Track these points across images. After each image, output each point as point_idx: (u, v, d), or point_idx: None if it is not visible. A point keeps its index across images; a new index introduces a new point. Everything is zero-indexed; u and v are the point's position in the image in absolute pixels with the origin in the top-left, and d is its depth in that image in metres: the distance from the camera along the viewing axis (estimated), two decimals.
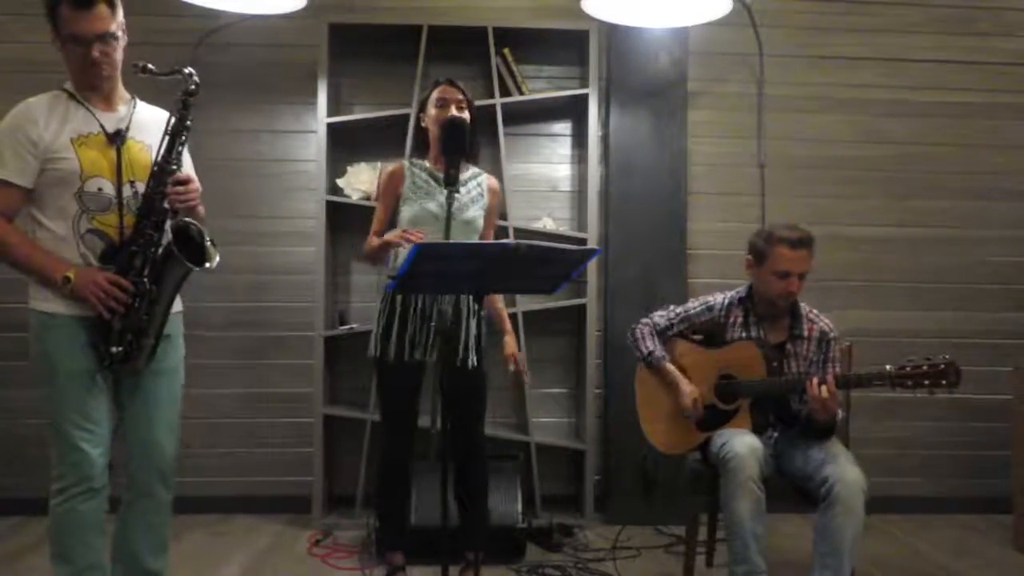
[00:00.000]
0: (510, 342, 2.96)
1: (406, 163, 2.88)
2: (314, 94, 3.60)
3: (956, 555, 3.33)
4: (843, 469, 2.43)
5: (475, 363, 2.73)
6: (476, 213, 2.81)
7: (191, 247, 2.18)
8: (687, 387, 2.71)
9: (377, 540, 3.06)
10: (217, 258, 2.21)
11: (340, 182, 3.68)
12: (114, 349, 2.13)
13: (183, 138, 2.18)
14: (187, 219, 2.21)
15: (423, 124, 2.88)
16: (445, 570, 2.17)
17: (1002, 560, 3.31)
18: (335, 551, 3.26)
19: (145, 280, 2.12)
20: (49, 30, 2.12)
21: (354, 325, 3.66)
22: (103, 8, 2.08)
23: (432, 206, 2.74)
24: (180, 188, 2.15)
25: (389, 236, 2.68)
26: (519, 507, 3.24)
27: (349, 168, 3.70)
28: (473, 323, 2.74)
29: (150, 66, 2.13)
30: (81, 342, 2.14)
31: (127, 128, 2.19)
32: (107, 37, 2.09)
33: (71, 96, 2.16)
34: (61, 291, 2.10)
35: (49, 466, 2.17)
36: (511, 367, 2.92)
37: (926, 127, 3.96)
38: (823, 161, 3.94)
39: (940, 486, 3.94)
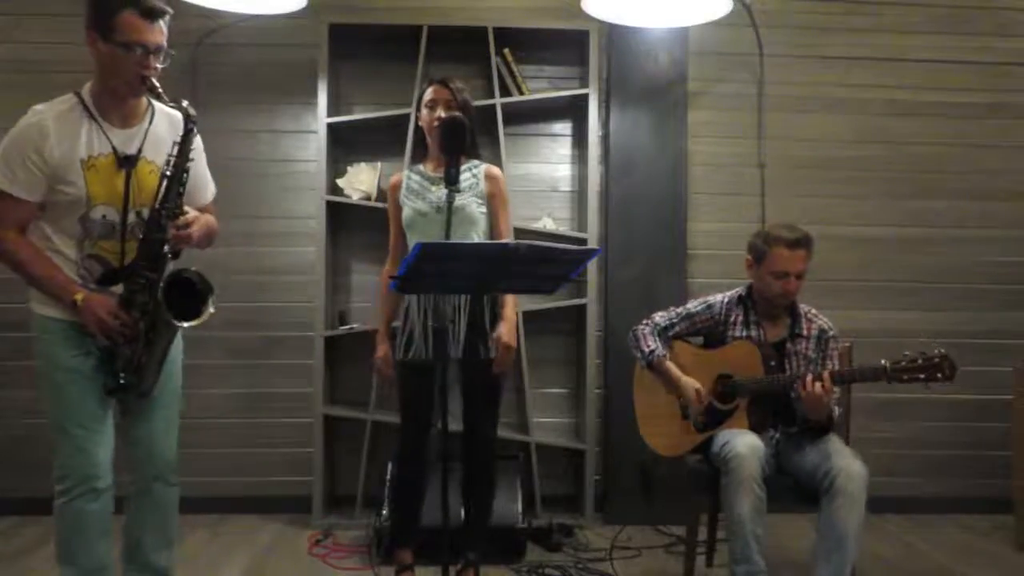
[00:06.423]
0: (502, 328, 2.77)
1: (404, 172, 2.91)
2: (314, 94, 3.60)
3: (957, 555, 3.32)
4: (846, 461, 2.45)
5: (481, 354, 2.71)
6: (467, 200, 2.77)
7: (191, 292, 2.18)
8: (689, 381, 2.72)
9: (388, 538, 3.03)
10: (208, 314, 2.19)
11: (340, 182, 3.68)
12: (122, 378, 2.15)
13: (184, 178, 2.15)
14: (193, 269, 2.19)
15: (420, 124, 2.90)
16: (445, 570, 2.17)
17: (1003, 560, 3.30)
18: (335, 551, 3.26)
19: (141, 326, 2.13)
20: (88, 33, 2.08)
21: (354, 325, 3.66)
22: (164, 23, 2.12)
23: (421, 205, 2.77)
24: (182, 233, 2.15)
25: (380, 361, 2.86)
26: (519, 507, 3.25)
27: (349, 168, 3.70)
28: (464, 319, 2.72)
29: (158, 86, 2.10)
30: (80, 344, 2.14)
31: (140, 149, 2.17)
32: (162, 51, 2.12)
33: (86, 109, 2.12)
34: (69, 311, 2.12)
35: (47, 466, 2.16)
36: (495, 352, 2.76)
37: (926, 127, 3.95)
38: (823, 161, 3.93)
39: (941, 486, 3.94)
